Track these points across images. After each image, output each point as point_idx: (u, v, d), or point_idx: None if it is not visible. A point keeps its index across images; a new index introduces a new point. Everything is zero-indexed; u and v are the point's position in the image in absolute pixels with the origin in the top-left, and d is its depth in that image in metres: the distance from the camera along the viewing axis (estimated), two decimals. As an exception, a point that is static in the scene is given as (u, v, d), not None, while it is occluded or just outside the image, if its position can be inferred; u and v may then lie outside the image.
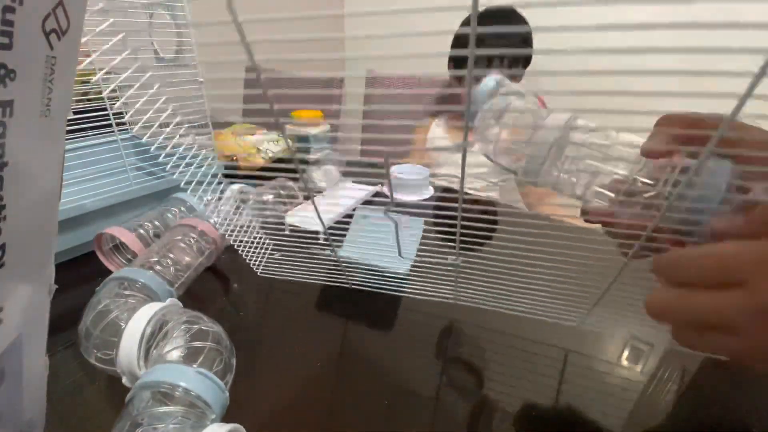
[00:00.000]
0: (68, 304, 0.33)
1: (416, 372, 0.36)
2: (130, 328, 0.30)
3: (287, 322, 0.42)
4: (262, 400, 0.33)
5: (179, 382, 0.25)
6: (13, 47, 0.15)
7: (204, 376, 0.26)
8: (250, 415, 0.31)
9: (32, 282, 0.20)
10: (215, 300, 0.45)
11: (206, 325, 0.31)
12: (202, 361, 0.28)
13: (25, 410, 0.22)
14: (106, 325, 0.32)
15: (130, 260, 0.46)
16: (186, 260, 0.41)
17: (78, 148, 0.60)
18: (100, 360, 0.31)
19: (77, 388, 0.33)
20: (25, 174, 0.17)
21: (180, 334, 0.30)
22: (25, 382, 0.22)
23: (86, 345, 0.32)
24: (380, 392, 0.34)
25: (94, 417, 0.32)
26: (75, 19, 0.18)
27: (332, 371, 0.36)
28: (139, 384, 0.26)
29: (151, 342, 0.30)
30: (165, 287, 0.37)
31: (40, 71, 0.17)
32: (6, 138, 0.16)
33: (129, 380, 0.30)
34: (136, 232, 0.45)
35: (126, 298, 0.34)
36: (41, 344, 0.23)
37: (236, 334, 0.34)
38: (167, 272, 0.38)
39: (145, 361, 0.29)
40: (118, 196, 0.51)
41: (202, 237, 0.43)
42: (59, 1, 0.17)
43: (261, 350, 0.38)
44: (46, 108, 0.18)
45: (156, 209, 0.50)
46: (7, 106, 0.16)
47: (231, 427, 0.24)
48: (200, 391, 0.26)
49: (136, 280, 0.35)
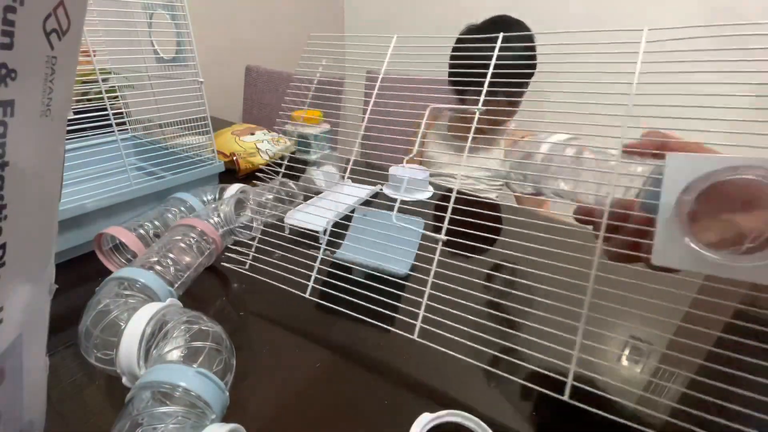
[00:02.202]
0: (68, 304, 0.33)
1: (416, 372, 0.36)
2: (130, 328, 0.30)
3: (287, 322, 0.42)
4: (262, 400, 0.33)
5: (179, 382, 0.25)
6: (13, 47, 0.15)
7: (204, 376, 0.26)
8: (250, 415, 0.32)
9: (32, 282, 0.20)
10: (215, 300, 0.45)
11: (206, 325, 0.31)
12: (202, 361, 0.28)
13: (25, 410, 0.22)
14: (106, 325, 0.31)
15: (130, 260, 0.46)
16: (186, 260, 0.41)
17: (78, 148, 0.60)
18: (100, 360, 0.31)
19: (77, 388, 0.33)
20: (26, 174, 0.17)
21: (180, 334, 0.30)
22: (25, 382, 0.22)
23: (86, 345, 0.32)
24: (380, 392, 0.34)
25: (94, 417, 0.32)
26: (75, 19, 0.18)
27: (332, 371, 0.36)
28: (139, 384, 0.26)
29: (151, 342, 0.30)
30: (165, 287, 0.37)
31: (41, 71, 0.17)
32: (6, 138, 0.16)
33: (129, 380, 0.30)
34: (136, 232, 0.45)
35: (126, 298, 0.34)
36: (41, 344, 0.23)
37: (236, 334, 0.34)
38: (167, 272, 0.38)
39: (145, 361, 0.29)
40: (118, 196, 0.51)
41: (202, 237, 0.43)
42: (60, 1, 0.17)
43: (261, 350, 0.38)
44: (47, 108, 0.18)
45: (156, 209, 0.50)
46: (8, 106, 0.16)
47: (231, 427, 0.24)
48: (200, 391, 0.26)
49: (136, 280, 0.35)
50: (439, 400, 0.33)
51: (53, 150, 0.20)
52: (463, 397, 0.33)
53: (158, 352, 0.29)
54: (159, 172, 0.59)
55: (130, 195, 0.52)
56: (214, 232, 0.44)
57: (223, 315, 0.43)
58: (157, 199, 0.54)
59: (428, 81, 1.19)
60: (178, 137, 0.64)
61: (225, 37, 1.53)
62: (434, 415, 0.30)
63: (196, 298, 0.44)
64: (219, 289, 0.47)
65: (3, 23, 0.15)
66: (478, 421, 0.29)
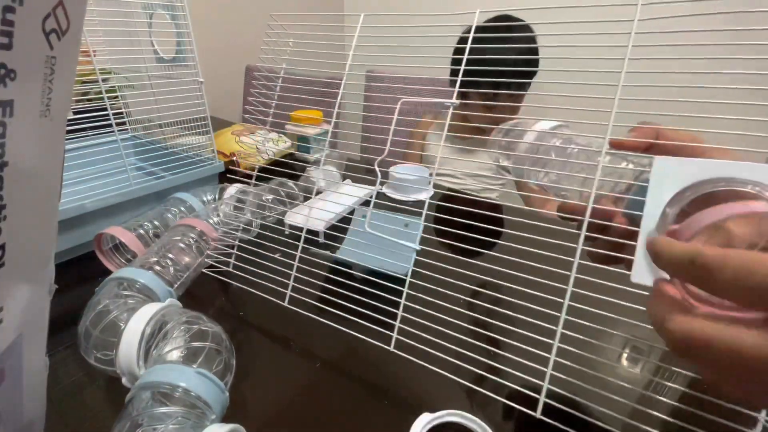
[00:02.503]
0: (68, 304, 0.33)
1: (416, 372, 0.36)
2: (130, 329, 0.30)
3: (287, 322, 0.41)
4: (262, 400, 0.33)
5: (179, 383, 0.25)
6: (13, 47, 0.15)
7: (204, 376, 0.26)
8: (250, 415, 0.31)
9: (32, 282, 0.20)
10: (215, 300, 0.45)
11: (206, 325, 0.31)
12: (202, 362, 0.28)
13: (25, 410, 0.22)
14: (105, 326, 0.31)
15: (130, 260, 0.46)
16: (185, 260, 0.41)
17: (78, 148, 0.60)
18: (99, 360, 0.31)
19: (77, 388, 0.33)
20: (25, 174, 0.17)
21: (180, 334, 0.30)
22: (25, 382, 0.22)
23: (86, 345, 0.32)
24: (380, 392, 0.34)
25: (94, 417, 0.32)
26: (75, 19, 0.18)
27: (332, 371, 0.36)
28: (138, 384, 0.26)
29: (151, 342, 0.30)
30: (164, 287, 0.37)
31: (40, 71, 0.17)
32: (6, 138, 0.16)
33: (129, 380, 0.30)
34: (136, 232, 0.45)
35: (125, 298, 0.34)
36: (41, 344, 0.23)
37: (236, 334, 0.34)
38: (166, 272, 0.38)
39: (144, 362, 0.29)
40: (118, 196, 0.51)
41: (202, 237, 0.43)
42: (59, 1, 0.17)
43: (261, 350, 0.38)
44: (46, 108, 0.18)
45: (156, 209, 0.50)
46: (7, 106, 0.16)
47: (231, 427, 0.24)
48: (200, 391, 0.26)
49: (136, 281, 0.35)
50: (439, 400, 0.33)
51: (53, 150, 0.20)
52: (463, 397, 0.33)
53: (158, 353, 0.29)
54: (159, 172, 0.59)
55: (130, 195, 0.52)
56: (214, 232, 0.44)
57: (223, 315, 0.43)
58: (157, 199, 0.54)
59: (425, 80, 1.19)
60: (178, 137, 0.64)
61: (225, 37, 1.53)
62: (434, 415, 0.30)
63: (195, 298, 0.44)
64: (219, 289, 0.47)
65: (2, 23, 0.15)
66: (478, 421, 0.29)
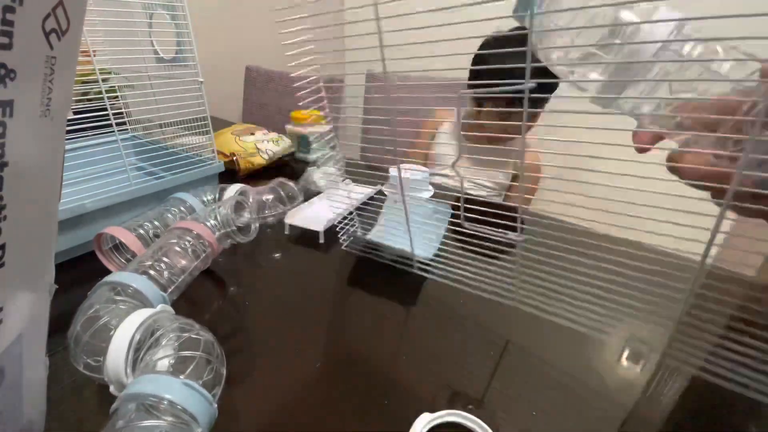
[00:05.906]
0: (68, 305, 0.33)
1: (416, 372, 0.36)
2: (118, 336, 0.29)
3: (285, 323, 0.41)
4: (262, 400, 0.33)
5: (165, 395, 0.24)
6: (13, 47, 0.15)
7: (191, 388, 0.25)
8: (247, 418, 0.31)
9: (32, 282, 0.20)
10: (211, 303, 0.45)
11: (197, 333, 0.30)
12: (191, 372, 0.27)
13: (25, 410, 0.22)
14: (95, 331, 0.31)
15: (130, 260, 0.45)
16: (181, 264, 0.40)
17: (78, 148, 0.60)
18: (88, 367, 0.30)
19: (77, 388, 0.33)
20: (25, 174, 0.17)
21: (170, 342, 0.29)
22: (25, 382, 0.22)
23: (75, 351, 0.31)
24: (380, 392, 0.34)
25: (93, 417, 0.31)
26: (75, 19, 0.18)
27: (332, 372, 0.36)
28: (123, 395, 0.25)
29: (140, 350, 0.29)
30: (157, 292, 0.36)
31: (40, 71, 0.17)
32: (6, 138, 0.16)
33: (116, 389, 0.29)
34: (136, 232, 0.45)
35: (117, 303, 0.33)
36: (41, 344, 0.23)
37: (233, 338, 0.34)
38: (160, 276, 0.37)
39: (132, 370, 0.28)
40: (118, 196, 0.51)
41: (198, 240, 0.43)
42: (59, 1, 0.17)
43: (258, 353, 0.38)
44: (46, 108, 0.18)
45: (156, 209, 0.50)
46: (7, 106, 0.16)
47: None
48: (186, 404, 0.25)
49: (128, 285, 0.34)
50: (439, 400, 0.33)
51: (53, 150, 0.20)
52: (463, 397, 0.33)
53: (147, 361, 0.28)
54: (159, 172, 0.59)
55: (130, 195, 0.52)
56: (211, 235, 0.44)
57: (219, 319, 0.43)
58: (157, 199, 0.54)
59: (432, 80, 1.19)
60: (178, 137, 0.64)
61: (225, 37, 1.53)
62: (434, 415, 0.30)
63: (191, 302, 0.43)
64: (215, 293, 0.47)
65: (2, 23, 0.15)
66: (478, 421, 0.29)
